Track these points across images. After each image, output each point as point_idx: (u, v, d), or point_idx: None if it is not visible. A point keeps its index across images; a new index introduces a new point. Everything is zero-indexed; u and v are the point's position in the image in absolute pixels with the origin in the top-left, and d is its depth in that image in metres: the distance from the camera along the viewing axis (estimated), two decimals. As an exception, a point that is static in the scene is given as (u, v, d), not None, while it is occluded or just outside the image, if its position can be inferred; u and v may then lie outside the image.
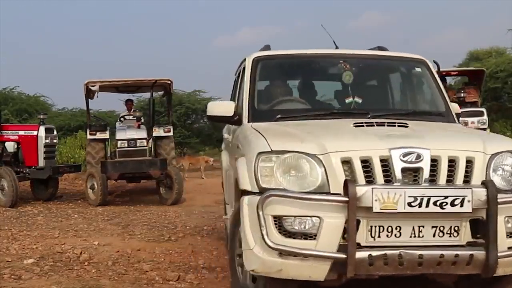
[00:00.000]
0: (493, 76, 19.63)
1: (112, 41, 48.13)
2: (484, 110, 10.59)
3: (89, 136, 10.98)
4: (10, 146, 10.47)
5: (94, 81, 10.58)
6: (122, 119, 11.90)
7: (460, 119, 10.19)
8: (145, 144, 10.52)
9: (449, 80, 14.44)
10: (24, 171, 10.24)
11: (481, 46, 24.11)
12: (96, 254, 5.80)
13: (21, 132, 10.47)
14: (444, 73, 11.93)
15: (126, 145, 10.46)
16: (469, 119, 10.32)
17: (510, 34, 23.92)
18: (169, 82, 11.29)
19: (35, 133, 10.32)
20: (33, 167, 10.21)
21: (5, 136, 10.50)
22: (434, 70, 4.79)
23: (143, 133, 10.70)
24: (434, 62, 11.23)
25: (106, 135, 10.99)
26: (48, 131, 10.48)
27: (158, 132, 11.12)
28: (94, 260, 5.52)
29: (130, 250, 5.96)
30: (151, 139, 11.02)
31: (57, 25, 53.08)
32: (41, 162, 10.24)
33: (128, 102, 12.29)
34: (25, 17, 48.31)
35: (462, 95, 10.76)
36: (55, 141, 10.71)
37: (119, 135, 10.70)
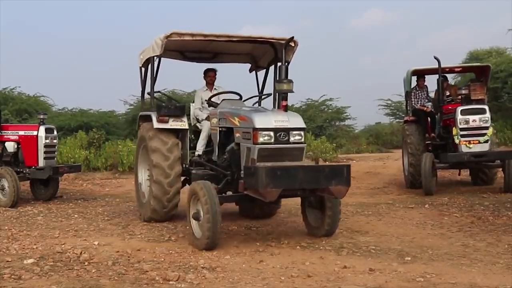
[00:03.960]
0: (493, 76, 19.58)
1: (112, 41, 48.11)
2: (486, 107, 10.11)
3: (156, 124, 7.48)
4: (10, 146, 10.44)
5: (181, 32, 7.22)
6: (203, 101, 8.12)
7: (461, 117, 10.04)
8: (303, 139, 6.23)
9: (449, 79, 14.34)
10: (24, 171, 10.22)
11: (481, 46, 24.09)
12: (96, 254, 5.81)
13: (21, 132, 10.45)
14: (447, 69, 11.62)
15: (272, 139, 6.06)
16: (470, 117, 9.97)
17: (510, 34, 23.88)
18: (293, 44, 7.40)
19: (35, 133, 10.31)
20: (33, 167, 10.20)
21: (5, 136, 10.48)
22: None
23: (298, 121, 6.27)
24: (435, 58, 11.26)
25: (183, 123, 7.63)
26: (48, 131, 10.47)
27: None
28: (94, 260, 5.53)
29: (130, 250, 5.97)
30: None
31: (57, 25, 53.07)
32: (41, 162, 10.22)
33: (210, 73, 8.24)
34: (25, 17, 48.31)
35: (463, 91, 10.35)
36: (55, 141, 10.69)
37: (258, 121, 6.11)
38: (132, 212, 8.97)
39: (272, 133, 6.01)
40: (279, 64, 7.26)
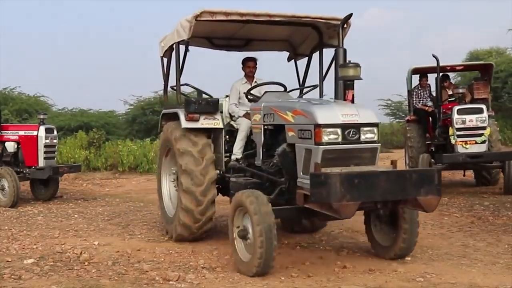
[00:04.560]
0: (493, 76, 19.62)
1: (112, 41, 48.14)
2: (483, 107, 9.96)
3: (185, 123, 6.27)
4: (10, 146, 10.45)
5: (213, 11, 6.01)
6: (241, 95, 6.86)
7: (457, 116, 9.88)
8: (376, 137, 5.04)
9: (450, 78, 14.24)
10: (24, 171, 10.23)
11: (481, 46, 24.09)
12: (96, 254, 5.81)
13: (21, 132, 10.46)
14: (448, 67, 11.50)
15: (339, 137, 4.87)
16: (467, 117, 9.82)
17: (510, 34, 23.88)
18: (346, 25, 6.13)
19: (35, 133, 10.31)
20: (33, 167, 10.20)
21: (5, 136, 10.49)
22: None
23: (370, 114, 5.10)
24: (433, 56, 11.13)
25: (217, 121, 6.37)
26: (48, 131, 10.47)
27: None
28: (94, 260, 5.53)
29: (130, 250, 5.97)
30: None
31: (57, 25, 53.10)
32: (41, 162, 10.22)
33: (249, 63, 6.96)
34: (25, 17, 48.34)
35: (460, 90, 10.19)
36: (55, 141, 10.69)
37: (322, 115, 4.91)
38: (132, 212, 8.97)
39: (339, 130, 4.85)
40: (324, 49, 6.62)
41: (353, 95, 5.48)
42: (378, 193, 4.54)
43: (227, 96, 7.05)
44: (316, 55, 6.97)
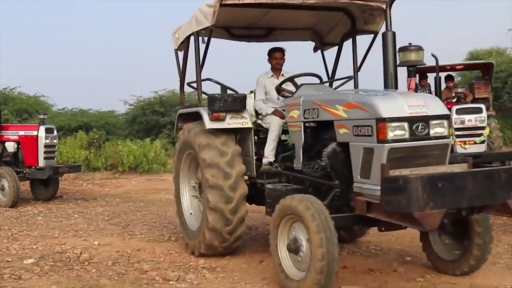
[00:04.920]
0: (494, 76, 19.65)
1: (112, 41, 48.14)
2: (483, 106, 9.91)
3: (210, 124, 5.56)
4: (10, 146, 10.46)
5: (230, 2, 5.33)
6: (267, 90, 6.17)
7: (456, 116, 9.81)
8: (446, 131, 4.46)
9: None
10: (24, 171, 10.24)
11: (481, 46, 24.10)
12: (96, 254, 5.81)
13: (21, 132, 10.47)
14: (448, 67, 11.46)
15: (407, 133, 4.19)
16: (466, 117, 9.73)
17: (510, 34, 23.89)
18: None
19: (35, 133, 10.31)
20: (33, 167, 10.20)
21: (5, 136, 10.50)
22: None
23: (438, 105, 4.48)
24: (432, 55, 11.04)
25: (246, 120, 5.66)
26: (48, 131, 10.47)
27: None
28: (94, 260, 5.53)
29: (130, 250, 5.97)
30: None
31: (57, 25, 53.09)
32: (41, 162, 10.23)
33: (276, 54, 6.19)
34: (25, 17, 48.32)
35: (459, 90, 10.14)
36: (55, 141, 10.69)
37: (385, 107, 4.21)
38: (132, 212, 8.97)
39: (406, 125, 4.12)
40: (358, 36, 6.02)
41: (416, 83, 4.83)
42: (465, 198, 3.84)
43: (251, 92, 6.35)
44: (347, 44, 6.34)
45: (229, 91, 6.14)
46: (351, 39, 6.16)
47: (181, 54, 6.44)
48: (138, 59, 42.82)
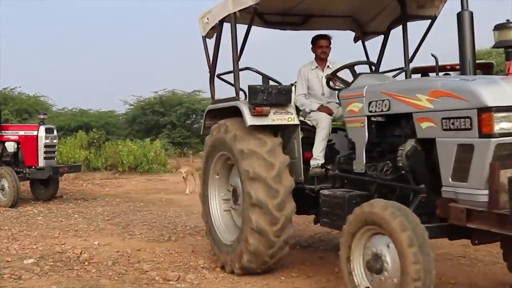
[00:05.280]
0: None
1: (111, 41, 48.14)
2: None
3: (251, 120, 4.85)
4: (10, 146, 10.47)
5: None
6: (309, 84, 5.53)
7: None
8: None
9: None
10: (24, 171, 10.24)
11: (481, 46, 24.10)
12: (96, 254, 5.81)
13: (21, 132, 10.48)
14: (449, 67, 11.42)
15: None
16: None
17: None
18: None
19: (35, 133, 10.32)
20: (33, 167, 10.21)
21: (5, 136, 10.50)
22: None
23: None
24: (432, 55, 10.77)
25: (292, 116, 4.97)
26: (48, 131, 10.48)
27: None
28: (94, 260, 5.53)
29: (130, 250, 5.97)
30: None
31: (57, 25, 53.08)
32: (41, 162, 10.23)
33: (322, 41, 5.51)
34: (25, 17, 48.33)
35: None
36: (55, 141, 10.70)
37: (490, 94, 3.44)
38: (132, 212, 8.97)
39: None
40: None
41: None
42: None
43: (292, 84, 5.58)
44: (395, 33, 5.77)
45: (271, 83, 5.46)
46: (402, 26, 5.59)
47: (210, 42, 5.79)
48: (138, 58, 42.86)
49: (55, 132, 10.82)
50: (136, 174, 15.17)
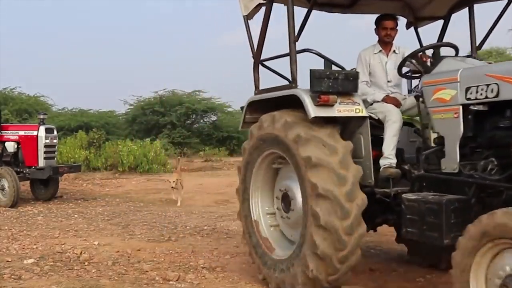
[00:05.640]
0: (493, 76, 19.67)
1: (111, 41, 48.19)
2: None
3: (315, 111, 4.10)
4: (10, 146, 10.46)
5: None
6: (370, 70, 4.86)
7: None
8: None
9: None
10: (24, 171, 10.24)
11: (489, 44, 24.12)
12: (96, 254, 5.81)
13: (21, 132, 10.47)
14: None
15: None
16: None
17: (510, 34, 23.88)
18: None
19: (35, 133, 10.32)
20: (33, 167, 10.20)
21: (5, 136, 10.50)
22: None
23: None
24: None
25: (359, 107, 4.23)
26: (48, 131, 10.48)
27: None
28: (94, 260, 5.53)
29: (130, 250, 5.97)
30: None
31: (57, 26, 53.10)
32: (41, 162, 10.23)
33: (387, 22, 4.82)
34: (26, 17, 48.35)
35: None
36: (55, 141, 10.70)
37: None
38: (132, 212, 8.97)
39: None
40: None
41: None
42: None
43: (352, 69, 4.95)
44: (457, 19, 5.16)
45: (334, 68, 4.84)
46: (468, 8, 5.04)
47: (252, 23, 5.04)
48: (138, 59, 42.84)
49: (55, 132, 10.82)
50: (136, 174, 15.18)
